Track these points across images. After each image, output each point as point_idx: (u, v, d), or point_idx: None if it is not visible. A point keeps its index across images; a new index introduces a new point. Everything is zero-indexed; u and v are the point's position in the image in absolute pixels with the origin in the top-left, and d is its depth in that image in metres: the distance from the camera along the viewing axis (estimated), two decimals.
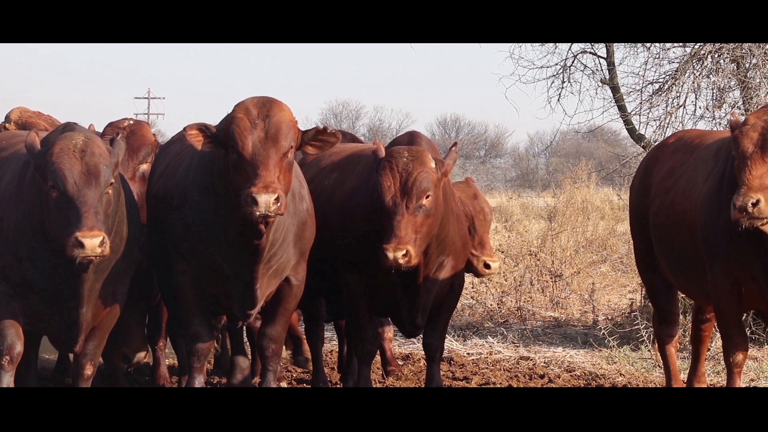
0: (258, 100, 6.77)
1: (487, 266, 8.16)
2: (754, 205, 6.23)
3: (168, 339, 8.45)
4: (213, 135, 6.80)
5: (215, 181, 6.91)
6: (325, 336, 8.81)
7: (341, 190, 7.76)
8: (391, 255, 6.89)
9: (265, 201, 6.48)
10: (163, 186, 7.43)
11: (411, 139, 7.54)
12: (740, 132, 6.47)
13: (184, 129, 6.91)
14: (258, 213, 6.50)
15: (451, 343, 10.09)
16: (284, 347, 8.64)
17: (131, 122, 8.27)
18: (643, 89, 11.07)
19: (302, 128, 6.84)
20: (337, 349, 9.04)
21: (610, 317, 10.90)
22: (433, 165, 7.16)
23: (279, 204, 6.52)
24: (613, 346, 9.75)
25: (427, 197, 7.07)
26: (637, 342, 9.78)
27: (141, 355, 7.16)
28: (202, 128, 6.82)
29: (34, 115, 8.93)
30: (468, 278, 9.28)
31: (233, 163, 6.70)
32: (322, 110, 58.90)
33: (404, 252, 6.91)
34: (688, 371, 7.88)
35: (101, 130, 8.37)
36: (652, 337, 9.41)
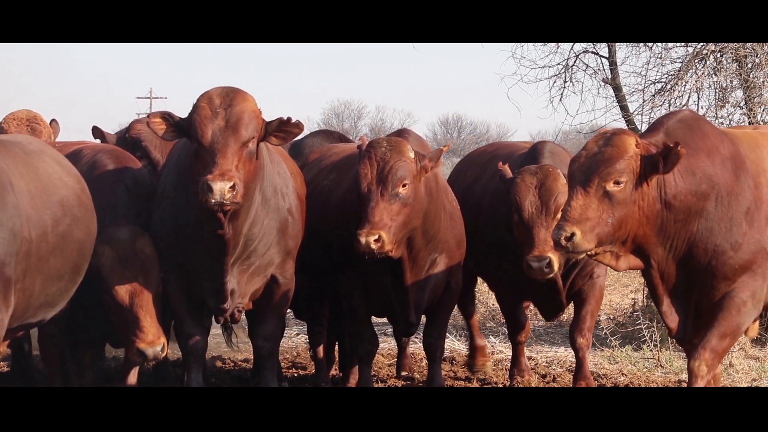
0: (222, 90, 6.88)
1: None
2: (568, 239, 6.08)
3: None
4: (176, 123, 6.90)
5: (186, 175, 7.00)
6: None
7: (338, 190, 7.82)
8: (363, 240, 6.90)
9: (220, 188, 6.52)
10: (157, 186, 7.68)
11: (400, 134, 7.68)
12: (573, 159, 6.38)
13: (148, 116, 7.05)
14: (213, 201, 6.56)
15: (453, 343, 10.20)
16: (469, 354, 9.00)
17: None
18: (645, 89, 11.17)
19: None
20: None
21: (612, 317, 10.99)
22: (412, 156, 7.20)
23: (235, 192, 6.57)
24: (615, 345, 9.85)
25: (404, 186, 7.09)
26: (639, 342, 9.84)
27: (158, 349, 6.87)
28: (166, 116, 6.92)
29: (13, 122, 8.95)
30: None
31: (194, 152, 6.82)
32: (324, 110, 58.78)
33: (376, 237, 6.91)
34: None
35: (112, 131, 8.59)
36: (653, 336, 9.50)
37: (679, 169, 6.29)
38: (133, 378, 7.52)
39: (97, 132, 8.70)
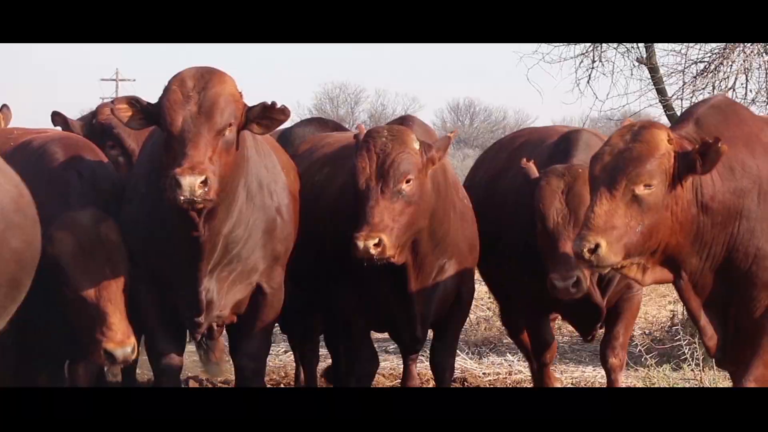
0: (197, 71, 6.68)
1: None
2: (592, 251, 5.85)
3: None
4: (144, 109, 6.71)
5: (158, 169, 6.81)
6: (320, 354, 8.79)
7: (332, 186, 7.65)
8: (361, 244, 6.71)
9: (189, 183, 6.34)
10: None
11: (402, 122, 7.47)
12: (595, 155, 6.11)
13: (113, 101, 6.84)
14: (182, 198, 6.37)
15: (465, 362, 10.08)
16: None
17: None
18: (685, 70, 10.89)
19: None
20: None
21: (647, 332, 10.78)
22: (416, 147, 7.01)
23: (207, 188, 6.39)
24: (651, 365, 9.59)
25: (408, 181, 6.92)
26: (678, 360, 9.58)
27: (128, 350, 6.69)
28: (132, 101, 6.74)
29: None
30: (483, 286, 9.11)
31: (164, 142, 6.63)
32: (316, 94, 58.52)
33: (376, 241, 6.72)
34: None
35: (73, 116, 8.37)
36: (695, 354, 9.26)
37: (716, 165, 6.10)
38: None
39: (59, 119, 8.37)
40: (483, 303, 11.50)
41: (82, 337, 6.84)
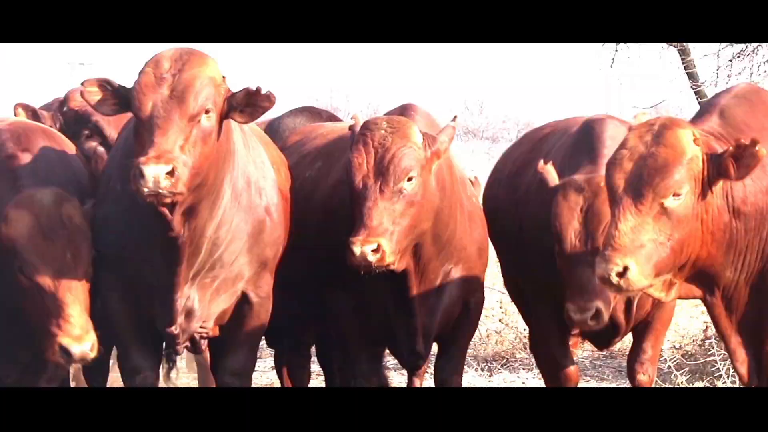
0: (176, 52, 6.61)
1: None
2: (621, 275, 5.66)
3: None
4: (117, 92, 6.63)
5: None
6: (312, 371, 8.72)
7: (325, 183, 7.56)
8: (357, 250, 6.62)
9: (153, 174, 6.25)
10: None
11: (403, 112, 7.38)
12: (612, 161, 5.89)
13: (82, 84, 6.75)
14: (145, 190, 6.27)
15: (474, 379, 10.20)
16: None
17: None
18: (720, 51, 10.85)
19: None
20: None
21: (677, 345, 10.69)
22: (419, 140, 6.90)
23: (174, 179, 6.29)
24: (682, 382, 9.61)
25: (410, 179, 6.81)
26: (712, 377, 9.66)
27: (86, 347, 6.55)
28: (104, 83, 6.66)
29: None
30: (495, 295, 9.10)
31: (134, 129, 6.55)
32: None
33: (374, 246, 6.64)
34: None
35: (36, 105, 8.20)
36: (731, 371, 9.23)
37: None
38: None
39: (26, 111, 8.06)
40: (494, 313, 11.44)
41: (37, 332, 6.67)
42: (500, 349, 11.20)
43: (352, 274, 6.81)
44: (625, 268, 5.65)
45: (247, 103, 6.65)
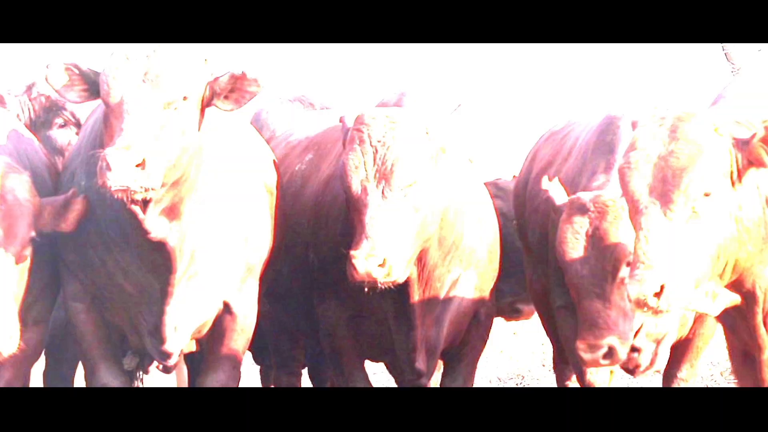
0: None
1: None
2: (659, 294, 5.53)
3: None
4: (85, 76, 6.65)
5: None
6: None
7: (316, 177, 7.57)
8: (361, 266, 6.58)
9: (122, 165, 6.20)
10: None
11: (401, 102, 7.31)
12: (626, 166, 5.75)
13: (46, 66, 6.74)
14: (112, 184, 6.21)
15: None
16: None
17: None
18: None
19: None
20: None
21: (714, 362, 10.88)
22: (424, 134, 6.85)
23: (146, 172, 6.23)
24: None
25: (416, 181, 6.77)
26: None
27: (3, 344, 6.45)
28: (71, 67, 6.66)
29: None
30: None
31: (104, 117, 6.51)
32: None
33: (380, 260, 6.59)
34: None
35: None
36: None
37: None
38: None
39: None
40: (507, 326, 11.55)
41: None
42: (514, 367, 11.37)
43: (346, 281, 6.76)
44: (662, 287, 5.53)
45: (232, 89, 6.63)
